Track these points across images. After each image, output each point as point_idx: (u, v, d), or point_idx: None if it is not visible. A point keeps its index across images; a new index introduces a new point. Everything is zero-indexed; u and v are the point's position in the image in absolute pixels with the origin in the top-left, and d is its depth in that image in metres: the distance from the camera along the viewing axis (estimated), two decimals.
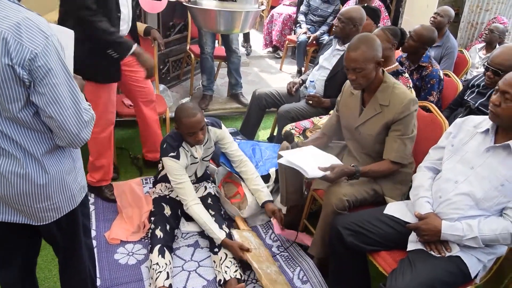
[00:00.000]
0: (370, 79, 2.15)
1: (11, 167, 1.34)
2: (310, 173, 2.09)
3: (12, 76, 1.22)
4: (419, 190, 1.93)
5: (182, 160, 2.43)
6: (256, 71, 5.54)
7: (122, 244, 2.51)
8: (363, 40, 2.12)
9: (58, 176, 1.43)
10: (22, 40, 1.19)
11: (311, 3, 5.29)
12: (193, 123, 2.32)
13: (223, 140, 2.63)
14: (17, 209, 1.43)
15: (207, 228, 2.37)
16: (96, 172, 2.82)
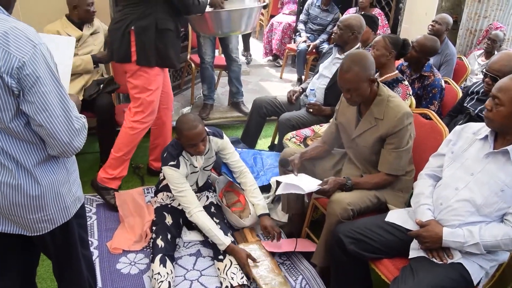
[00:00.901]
0: (365, 96, 2.18)
1: (3, 177, 1.34)
2: (306, 188, 2.18)
3: (1, 85, 1.22)
4: (420, 197, 1.94)
5: (182, 169, 2.43)
6: (257, 79, 5.57)
7: (124, 254, 2.51)
8: (355, 61, 2.13)
9: (51, 188, 1.43)
10: (9, 49, 1.20)
11: (310, 11, 5.33)
12: (194, 135, 2.32)
13: (224, 150, 2.64)
14: (10, 219, 1.43)
15: (212, 234, 2.37)
16: (116, 168, 2.86)
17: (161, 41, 2.67)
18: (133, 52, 2.64)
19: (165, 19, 2.65)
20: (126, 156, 2.88)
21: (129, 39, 2.63)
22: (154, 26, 2.62)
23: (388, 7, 4.75)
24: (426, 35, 3.16)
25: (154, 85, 2.75)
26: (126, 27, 2.61)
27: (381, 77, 2.77)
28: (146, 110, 2.78)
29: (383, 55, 2.74)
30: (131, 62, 2.68)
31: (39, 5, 3.18)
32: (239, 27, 3.32)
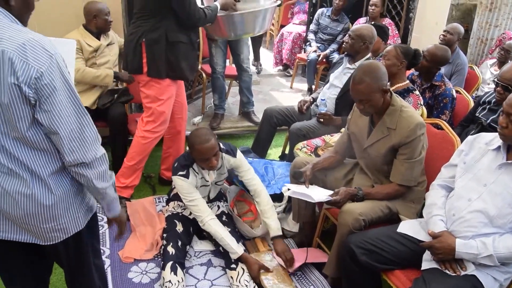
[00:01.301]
0: (378, 106, 2.19)
1: (18, 187, 1.36)
2: (316, 198, 2.18)
3: (19, 95, 1.24)
4: (432, 208, 1.93)
5: (191, 179, 2.43)
6: (267, 89, 5.59)
7: (135, 263, 2.52)
8: (367, 72, 2.14)
9: (64, 198, 1.44)
10: (27, 60, 1.23)
11: (320, 21, 5.35)
12: (206, 149, 2.31)
13: (238, 168, 2.61)
14: (24, 228, 1.44)
15: (225, 243, 2.37)
16: (128, 177, 2.90)
17: (172, 53, 2.70)
18: (144, 64, 2.69)
19: (176, 31, 2.68)
20: (138, 165, 2.90)
21: (140, 51, 2.67)
22: (164, 39, 2.65)
23: (398, 17, 4.75)
24: (437, 44, 3.16)
25: (165, 95, 2.78)
26: (138, 39, 2.66)
27: (392, 86, 2.77)
28: (157, 120, 2.81)
29: (394, 64, 2.74)
30: (143, 74, 2.71)
31: (55, 14, 3.23)
32: (253, 29, 3.32)
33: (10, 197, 1.37)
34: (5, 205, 1.38)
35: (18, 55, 1.22)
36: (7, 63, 1.22)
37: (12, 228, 1.45)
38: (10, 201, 1.38)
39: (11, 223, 1.44)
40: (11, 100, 1.25)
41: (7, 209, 1.39)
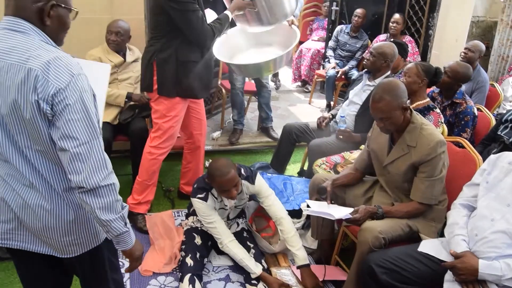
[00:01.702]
0: (398, 124, 2.19)
1: (38, 200, 1.40)
2: (337, 215, 2.18)
3: (38, 111, 1.28)
4: (454, 227, 1.90)
5: (210, 202, 2.45)
6: (286, 105, 5.62)
7: (154, 276, 2.54)
8: (387, 90, 2.15)
9: (83, 213, 1.47)
10: (49, 77, 1.26)
11: (339, 38, 5.38)
12: (226, 181, 2.31)
13: (258, 194, 2.59)
14: (43, 240, 1.48)
15: (244, 264, 2.40)
16: (140, 193, 2.92)
17: (183, 72, 2.70)
18: (155, 82, 2.71)
19: (187, 50, 2.68)
20: (149, 182, 2.91)
21: (152, 70, 2.70)
22: (174, 58, 2.66)
23: (417, 34, 4.75)
24: (458, 61, 3.15)
25: (173, 113, 2.78)
26: (150, 58, 2.69)
27: (412, 104, 2.77)
28: (163, 136, 2.82)
29: (415, 82, 2.74)
30: (153, 91, 2.75)
31: (80, 31, 3.30)
32: (274, 69, 3.35)
33: (30, 210, 1.41)
34: (26, 217, 1.42)
35: (42, 72, 1.26)
36: (32, 81, 1.26)
37: (32, 239, 1.48)
38: (31, 213, 1.42)
39: (32, 235, 1.47)
40: (32, 115, 1.29)
41: (27, 221, 1.43)
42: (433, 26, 4.52)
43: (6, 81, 1.28)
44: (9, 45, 1.30)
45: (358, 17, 5.11)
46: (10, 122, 1.33)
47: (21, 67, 1.27)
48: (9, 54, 1.29)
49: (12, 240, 1.48)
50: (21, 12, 1.32)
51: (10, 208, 1.43)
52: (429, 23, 4.57)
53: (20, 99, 1.28)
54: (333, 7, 5.61)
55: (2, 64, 1.29)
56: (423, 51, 4.68)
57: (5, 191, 1.42)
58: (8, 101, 1.29)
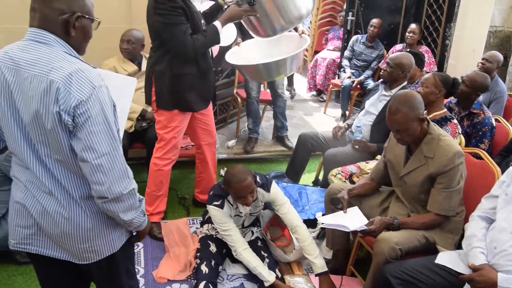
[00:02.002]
0: (415, 135, 2.18)
1: (57, 208, 1.43)
2: (351, 227, 2.18)
3: (59, 122, 1.31)
4: (472, 240, 1.88)
5: (226, 209, 2.46)
6: (301, 114, 5.63)
7: (169, 283, 2.55)
8: (403, 102, 2.15)
9: (99, 221, 1.49)
10: (71, 89, 1.29)
11: (355, 48, 5.39)
12: (243, 188, 2.33)
13: (274, 202, 2.59)
14: (61, 246, 1.50)
15: (257, 272, 2.40)
16: (151, 204, 2.93)
17: (178, 85, 2.68)
18: (153, 94, 2.72)
19: (181, 62, 2.65)
20: (157, 192, 2.92)
21: (151, 82, 2.72)
22: (169, 71, 2.64)
23: (434, 44, 4.73)
24: (476, 71, 3.12)
25: (173, 124, 2.77)
26: (149, 72, 2.72)
27: (429, 114, 2.75)
28: (165, 147, 2.81)
29: (433, 92, 2.73)
30: (152, 103, 2.77)
31: (99, 41, 3.36)
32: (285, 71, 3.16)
33: (49, 216, 1.44)
34: (45, 223, 1.45)
35: (63, 84, 1.29)
36: (54, 93, 1.29)
37: (51, 245, 1.51)
38: (50, 220, 1.44)
39: (50, 241, 1.50)
40: (53, 126, 1.32)
41: (46, 227, 1.46)
42: (450, 36, 4.51)
43: (29, 91, 1.32)
44: (33, 57, 1.33)
45: (374, 27, 5.11)
46: (32, 131, 1.37)
47: (44, 78, 1.30)
48: (33, 65, 1.32)
49: (32, 245, 1.51)
50: (47, 25, 1.35)
51: (30, 214, 1.46)
52: (446, 33, 4.56)
53: (42, 109, 1.31)
54: (349, 17, 5.63)
55: (26, 74, 1.32)
56: (440, 61, 4.66)
57: (26, 198, 1.45)
58: (30, 110, 1.33)
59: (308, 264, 2.71)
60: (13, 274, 2.58)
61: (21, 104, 1.35)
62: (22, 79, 1.33)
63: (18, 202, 1.48)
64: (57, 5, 1.34)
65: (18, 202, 1.47)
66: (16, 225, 1.50)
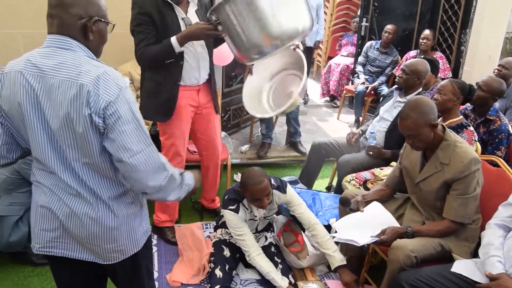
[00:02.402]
0: (428, 141, 2.17)
1: (84, 209, 1.45)
2: (361, 242, 2.17)
3: (91, 124, 1.34)
4: (489, 248, 1.86)
5: (241, 214, 2.47)
6: (314, 119, 5.62)
7: (182, 287, 2.56)
8: (413, 107, 2.16)
9: (125, 220, 1.52)
10: (99, 92, 1.32)
11: (369, 54, 5.38)
12: (260, 190, 2.33)
13: (289, 204, 2.61)
14: (87, 247, 1.52)
15: (270, 277, 2.40)
16: (162, 213, 2.94)
17: (144, 94, 2.66)
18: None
19: (142, 70, 2.64)
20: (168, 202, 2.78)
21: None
22: (143, 79, 2.64)
23: (449, 50, 4.70)
24: (491, 76, 3.10)
25: (168, 131, 2.72)
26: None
27: (445, 121, 2.73)
28: (167, 154, 2.76)
29: (451, 100, 2.70)
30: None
31: (112, 46, 3.40)
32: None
33: (76, 218, 1.46)
34: (72, 225, 1.47)
35: (93, 87, 1.32)
36: (85, 96, 1.32)
37: (76, 247, 1.52)
38: (77, 222, 1.46)
39: (75, 242, 1.52)
40: (85, 129, 1.35)
41: (73, 229, 1.48)
42: (465, 42, 4.47)
43: (58, 96, 1.34)
44: (58, 62, 1.35)
45: (388, 33, 5.10)
46: (61, 136, 1.38)
47: (73, 83, 1.33)
48: (59, 71, 1.34)
49: (57, 248, 1.53)
50: (66, 30, 1.38)
51: (56, 217, 1.47)
52: (461, 39, 4.53)
53: (73, 113, 1.34)
54: (363, 23, 5.62)
55: (53, 80, 1.35)
56: (455, 68, 4.62)
57: (52, 201, 1.47)
58: (60, 115, 1.35)
59: (321, 270, 2.71)
60: (29, 275, 2.62)
61: (49, 111, 1.37)
62: (49, 85, 1.35)
63: (43, 206, 1.48)
64: (75, 11, 1.38)
65: (43, 206, 1.48)
66: (41, 229, 1.51)
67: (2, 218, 2.51)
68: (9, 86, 1.39)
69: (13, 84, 1.37)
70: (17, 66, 1.38)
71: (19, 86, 1.36)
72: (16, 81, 1.37)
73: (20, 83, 1.36)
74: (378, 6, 5.44)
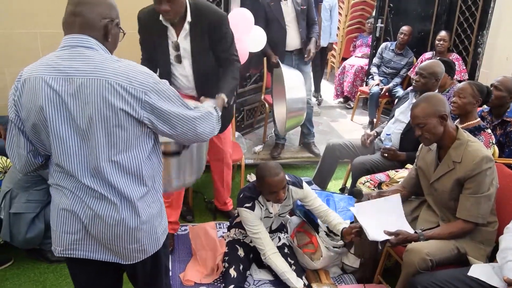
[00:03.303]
0: (437, 134, 2.17)
1: (109, 211, 1.45)
2: (372, 236, 2.18)
3: (128, 118, 1.37)
4: (507, 253, 1.84)
5: (256, 212, 2.47)
6: (327, 121, 5.60)
7: (195, 286, 2.57)
8: (424, 98, 2.23)
9: (148, 220, 1.52)
10: (133, 84, 1.36)
11: (384, 55, 5.34)
12: (276, 183, 2.34)
13: (306, 199, 2.62)
14: (109, 248, 1.52)
15: (285, 278, 2.39)
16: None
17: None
18: None
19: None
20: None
21: None
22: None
23: (465, 52, 4.64)
24: (505, 76, 3.06)
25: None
26: None
27: (462, 124, 2.70)
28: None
29: (470, 102, 2.68)
30: None
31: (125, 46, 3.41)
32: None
33: (100, 220, 1.45)
34: (95, 227, 1.46)
35: (126, 82, 1.35)
36: (119, 90, 1.35)
37: (97, 248, 1.52)
38: (100, 224, 1.46)
39: (97, 244, 1.51)
40: (121, 124, 1.37)
41: (96, 231, 1.47)
42: (482, 44, 4.42)
43: (88, 96, 1.35)
44: (83, 62, 1.37)
45: (404, 35, 5.05)
46: (92, 135, 1.38)
47: (103, 80, 1.34)
48: (86, 70, 1.35)
49: (78, 250, 1.52)
50: (88, 30, 1.40)
51: (79, 220, 1.46)
52: (478, 41, 4.47)
53: (107, 109, 1.35)
54: (378, 24, 5.58)
55: (81, 80, 1.35)
56: (471, 69, 4.57)
57: (74, 204, 1.45)
58: (91, 114, 1.36)
59: (335, 272, 2.70)
60: (45, 272, 2.65)
61: (77, 111, 1.37)
62: (77, 86, 1.35)
63: (65, 209, 1.47)
64: (100, 10, 1.42)
65: (65, 209, 1.47)
66: (63, 232, 1.49)
67: (19, 215, 2.55)
68: (28, 92, 1.38)
69: (33, 90, 1.37)
70: (36, 72, 1.38)
71: (40, 91, 1.36)
72: (37, 87, 1.36)
73: (42, 88, 1.36)
74: (394, 7, 5.39)
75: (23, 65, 1.47)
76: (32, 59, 1.47)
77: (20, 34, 3.21)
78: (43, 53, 3.07)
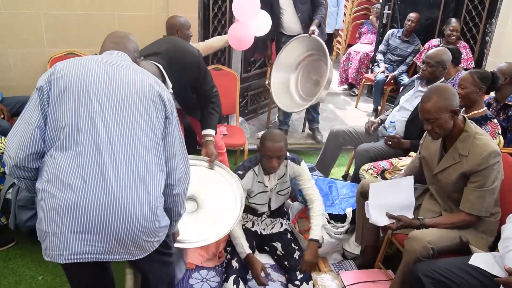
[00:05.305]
0: (447, 129, 2.13)
1: (121, 206, 1.42)
2: (373, 219, 2.21)
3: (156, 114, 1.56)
4: (509, 242, 1.84)
5: (245, 181, 2.50)
6: (332, 107, 5.58)
7: (197, 269, 2.58)
8: (434, 91, 2.14)
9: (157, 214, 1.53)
10: (161, 88, 1.60)
11: (390, 42, 5.29)
12: (273, 148, 2.37)
13: (299, 176, 2.65)
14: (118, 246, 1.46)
15: (237, 242, 2.45)
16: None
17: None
18: None
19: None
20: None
21: None
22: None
23: (473, 40, 4.59)
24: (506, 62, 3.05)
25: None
26: None
27: (468, 113, 2.68)
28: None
29: (473, 92, 2.65)
30: None
31: (137, 28, 3.40)
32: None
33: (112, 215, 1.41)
34: (106, 224, 1.41)
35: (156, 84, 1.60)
36: (154, 88, 1.57)
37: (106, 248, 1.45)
38: (112, 219, 1.41)
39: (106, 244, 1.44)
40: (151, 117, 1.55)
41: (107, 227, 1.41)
42: (491, 33, 4.37)
43: (129, 86, 1.54)
44: (121, 62, 1.60)
45: (411, 22, 4.99)
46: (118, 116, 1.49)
47: (142, 77, 1.58)
48: (124, 66, 1.58)
49: (87, 253, 1.43)
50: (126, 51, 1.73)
51: (87, 216, 1.40)
52: (487, 29, 4.42)
53: (141, 101, 1.53)
54: (385, 11, 5.51)
55: (124, 71, 1.56)
56: (478, 58, 4.53)
57: (83, 199, 1.39)
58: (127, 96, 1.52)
59: (335, 258, 2.71)
60: None
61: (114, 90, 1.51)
62: (120, 75, 1.54)
63: (72, 205, 1.38)
64: (134, 45, 1.82)
65: (73, 206, 1.38)
66: (70, 232, 1.39)
67: (23, 207, 2.58)
68: (74, 64, 1.49)
69: (80, 63, 1.50)
70: (82, 59, 1.53)
71: (90, 69, 1.50)
72: (87, 64, 1.50)
73: (92, 67, 1.50)
74: None
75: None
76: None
77: (25, 14, 3.18)
78: (47, 35, 3.11)
